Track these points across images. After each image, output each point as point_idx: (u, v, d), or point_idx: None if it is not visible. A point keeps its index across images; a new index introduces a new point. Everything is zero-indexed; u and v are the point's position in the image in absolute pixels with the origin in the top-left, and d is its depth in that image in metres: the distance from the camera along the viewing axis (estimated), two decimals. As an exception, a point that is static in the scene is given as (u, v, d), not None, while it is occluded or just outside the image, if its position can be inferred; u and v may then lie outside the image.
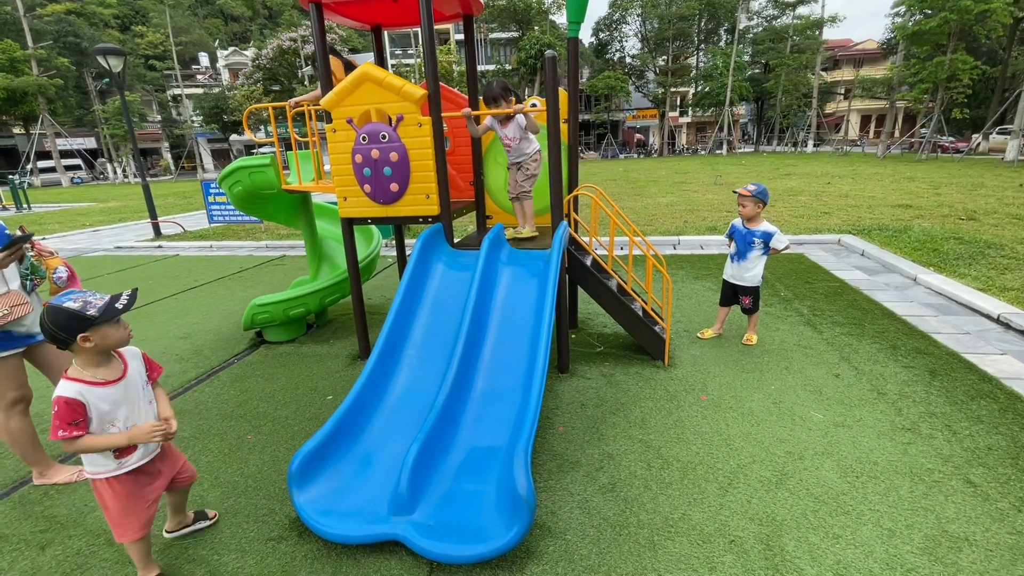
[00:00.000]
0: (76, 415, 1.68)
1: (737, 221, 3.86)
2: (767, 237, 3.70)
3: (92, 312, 1.66)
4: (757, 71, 41.23)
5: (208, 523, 2.26)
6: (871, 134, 42.46)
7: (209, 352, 4.31)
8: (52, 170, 35.84)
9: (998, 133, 24.27)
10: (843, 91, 42.26)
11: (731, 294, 3.95)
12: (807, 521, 2.13)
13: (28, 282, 2.41)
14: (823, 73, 38.71)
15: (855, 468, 2.45)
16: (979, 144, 24.76)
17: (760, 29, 38.82)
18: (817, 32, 34.68)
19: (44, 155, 35.74)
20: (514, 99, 3.52)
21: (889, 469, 2.43)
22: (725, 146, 35.53)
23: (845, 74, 42.47)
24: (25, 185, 20.96)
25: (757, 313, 3.93)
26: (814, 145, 34.41)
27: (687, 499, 2.30)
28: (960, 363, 3.44)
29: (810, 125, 34.15)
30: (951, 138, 27.39)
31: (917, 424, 2.78)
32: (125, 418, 1.79)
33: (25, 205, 18.77)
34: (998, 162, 19.61)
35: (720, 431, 2.81)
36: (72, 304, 1.66)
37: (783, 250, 3.73)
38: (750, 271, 3.78)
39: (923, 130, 25.81)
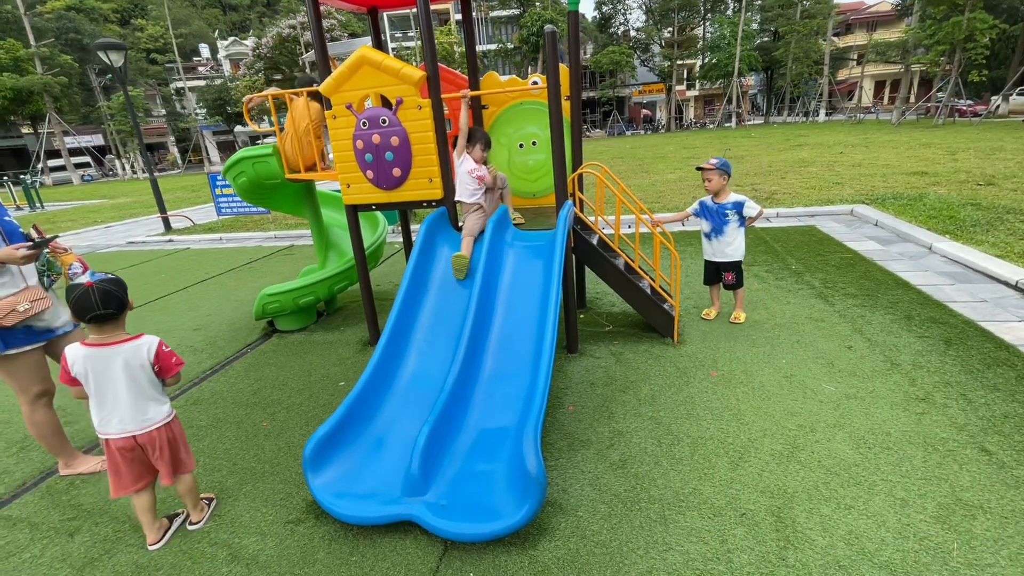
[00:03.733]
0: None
1: (706, 198, 3.79)
2: (738, 207, 3.66)
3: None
4: (766, 39, 40.02)
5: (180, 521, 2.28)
6: (885, 100, 41.27)
7: (223, 343, 4.37)
8: (62, 168, 36.24)
9: (1018, 94, 23.47)
10: (856, 56, 41.01)
11: (715, 272, 3.90)
12: (819, 493, 2.13)
13: (45, 279, 2.45)
14: (835, 39, 37.54)
15: (867, 439, 2.43)
16: (998, 107, 23.98)
17: (768, -5, 37.60)
18: (828, -5, 33.53)
19: (53, 154, 36.10)
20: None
21: (902, 439, 2.42)
22: (734, 119, 34.77)
23: (858, 38, 41.16)
24: (37, 184, 21.22)
25: (742, 289, 3.88)
26: (826, 114, 33.54)
27: (698, 474, 2.30)
28: (976, 331, 3.39)
29: (821, 93, 33.26)
30: (969, 101, 26.55)
31: (931, 394, 2.75)
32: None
33: (38, 204, 19.03)
34: (1019, 124, 19.02)
35: (731, 406, 2.80)
36: (113, 276, 1.94)
37: (757, 217, 3.66)
38: (731, 245, 3.73)
39: (939, 94, 25.03)
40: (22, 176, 20.36)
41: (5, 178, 21.32)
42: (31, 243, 2.31)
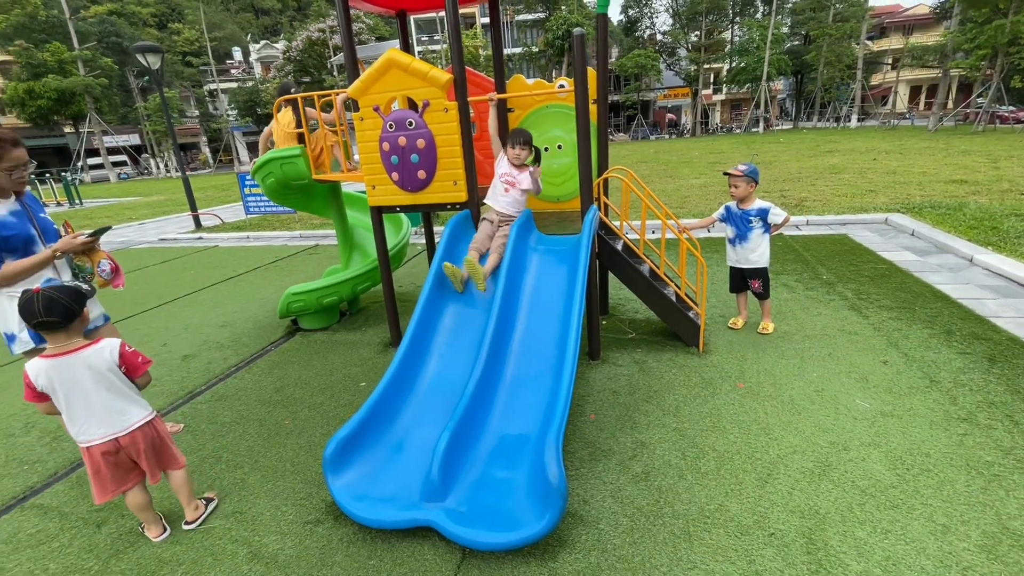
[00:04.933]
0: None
1: (731, 204, 3.72)
2: (763, 213, 3.58)
3: (86, 289, 1.91)
4: (796, 43, 39.20)
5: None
6: (921, 106, 39.96)
7: (248, 340, 4.44)
8: (100, 167, 37.63)
9: (1065, 100, 22.43)
10: (890, 61, 39.81)
11: (740, 279, 3.81)
12: (853, 515, 2.04)
13: (81, 278, 2.52)
14: (869, 42, 36.51)
15: (905, 460, 2.32)
16: (1043, 113, 22.96)
17: (800, -2, 36.80)
18: (863, -2, 32.68)
19: (92, 152, 37.51)
20: (533, 157, 3.25)
21: (943, 461, 2.30)
22: (762, 123, 34.10)
23: (893, 42, 39.97)
24: (77, 182, 22.06)
25: (769, 299, 3.78)
26: (858, 119, 32.64)
27: (724, 490, 2.23)
28: (1022, 349, 3.22)
29: (854, 98, 32.38)
30: (1011, 107, 25.49)
31: (974, 414, 2.62)
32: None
33: (77, 201, 19.78)
34: (1065, 132, 18.16)
35: (758, 420, 2.71)
36: (70, 284, 1.94)
37: (783, 224, 3.58)
38: (755, 251, 3.65)
39: (980, 100, 24.11)
40: (63, 173, 21.19)
41: (48, 175, 22.21)
42: (92, 232, 2.40)
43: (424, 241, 5.29)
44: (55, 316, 1.80)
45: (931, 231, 5.90)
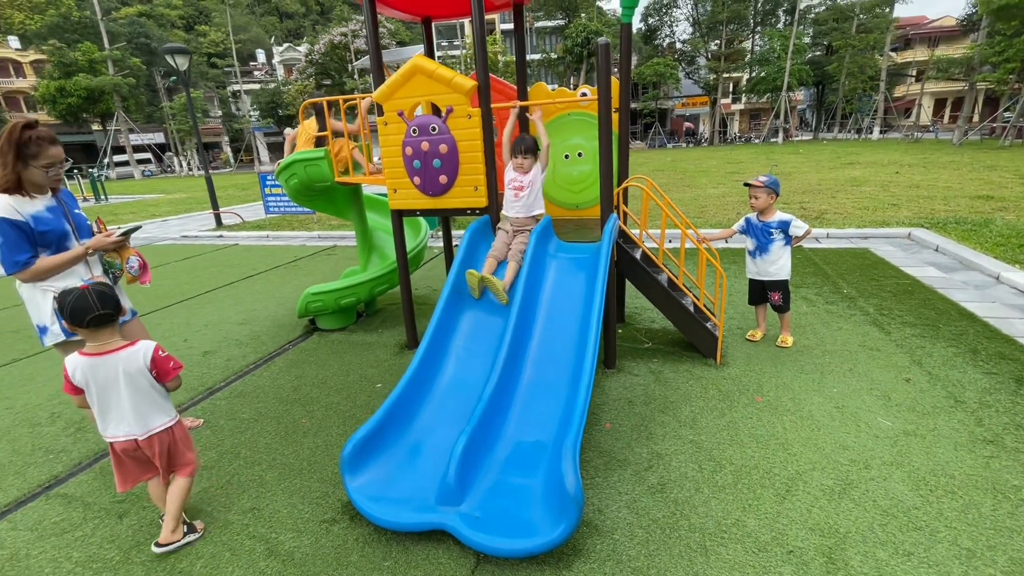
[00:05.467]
0: None
1: (751, 215, 3.70)
2: (784, 226, 3.57)
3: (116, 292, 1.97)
4: (818, 53, 38.78)
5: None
6: (946, 119, 39.23)
7: (266, 338, 4.51)
8: (125, 164, 38.53)
9: (1098, 116, 21.83)
10: (915, 73, 39.20)
11: (759, 291, 3.78)
12: (874, 535, 2.00)
13: (110, 275, 2.59)
14: (893, 54, 36.02)
15: (929, 481, 2.28)
16: (1074, 129, 22.38)
17: (823, 8, 36.37)
18: (887, 10, 32.22)
19: (118, 150, 38.44)
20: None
21: (968, 484, 2.25)
22: (781, 134, 33.74)
23: (918, 54, 39.33)
24: (103, 178, 22.62)
25: (789, 312, 3.74)
26: (880, 131, 32.16)
27: (741, 504, 2.21)
28: (1052, 371, 3.14)
29: (876, 110, 31.92)
30: (1040, 122, 24.88)
31: (1001, 436, 2.56)
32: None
33: (103, 196, 20.27)
34: (1097, 148, 17.70)
35: (777, 435, 2.68)
36: (102, 287, 1.91)
37: (804, 236, 3.57)
38: (775, 263, 3.62)
39: (1007, 114, 23.59)
40: (90, 169, 21.74)
41: (76, 171, 22.81)
42: (123, 232, 2.49)
43: (442, 245, 5.32)
44: (109, 308, 1.88)
45: (956, 247, 5.78)
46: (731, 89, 42.51)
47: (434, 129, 3.25)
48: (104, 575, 2.04)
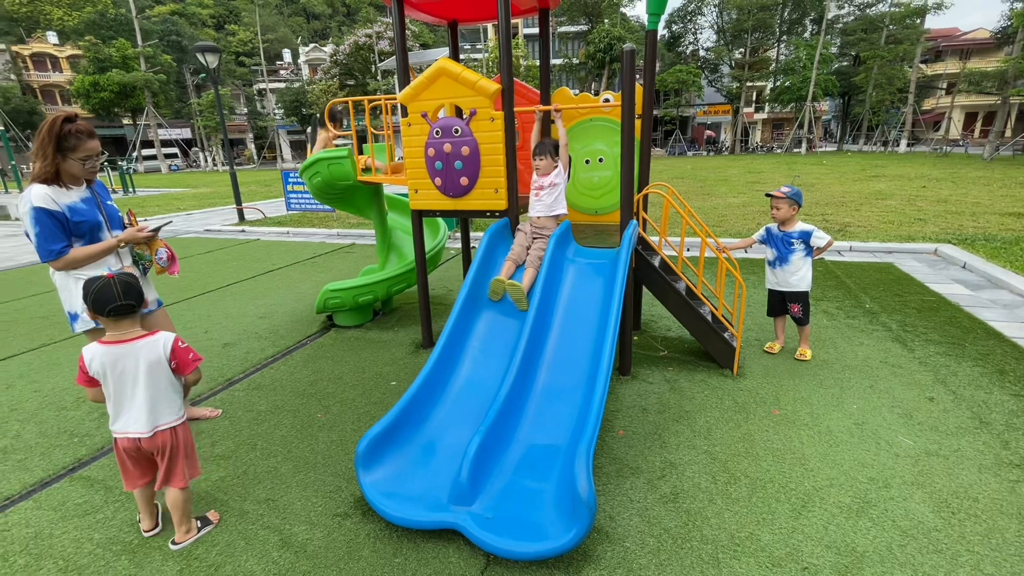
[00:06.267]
0: None
1: (772, 225, 3.66)
2: (805, 236, 3.52)
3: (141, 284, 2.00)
4: (845, 64, 38.14)
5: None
6: (976, 133, 38.29)
7: (285, 332, 4.58)
8: (153, 158, 39.54)
9: None
10: (945, 85, 38.34)
11: (779, 303, 3.74)
12: (892, 556, 1.96)
13: (140, 267, 2.65)
14: (923, 66, 35.27)
15: (951, 503, 2.22)
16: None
17: (851, 18, 35.83)
18: (918, 21, 31.59)
19: (147, 144, 39.46)
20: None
21: (992, 508, 2.19)
22: (804, 144, 33.25)
23: (949, 67, 38.50)
24: (131, 171, 23.22)
25: (809, 325, 3.69)
26: (908, 145, 31.49)
27: (755, 518, 2.18)
28: (1084, 395, 3.04)
29: (904, 122, 31.27)
30: (1077, 139, 24.17)
31: (1028, 460, 2.48)
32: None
33: (131, 189, 20.81)
34: None
35: (794, 449, 2.64)
36: (126, 277, 1.93)
37: (826, 247, 3.51)
38: (795, 274, 3.58)
39: (1042, 130, 22.91)
40: (120, 163, 22.35)
41: (106, 164, 23.45)
42: (155, 227, 2.58)
43: (460, 246, 5.35)
44: (132, 299, 1.89)
45: (985, 265, 5.64)
46: (754, 98, 42.03)
47: (457, 131, 3.28)
48: (123, 557, 2.09)
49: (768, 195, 3.65)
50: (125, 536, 2.20)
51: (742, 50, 37.78)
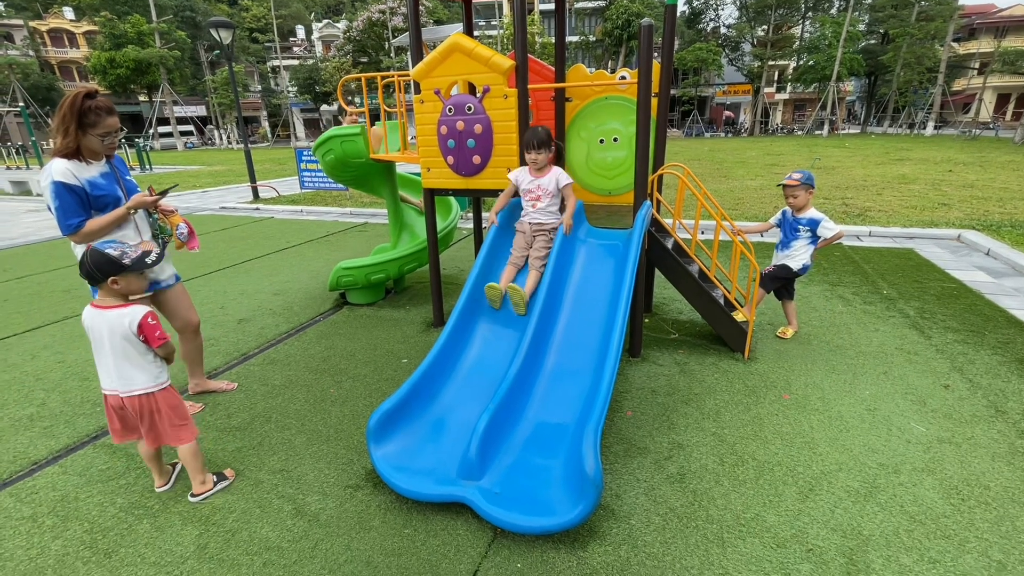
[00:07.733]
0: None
1: (788, 209, 3.64)
2: (813, 224, 3.48)
3: (126, 261, 1.98)
4: (872, 42, 36.76)
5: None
6: (1008, 116, 36.87)
7: (298, 309, 4.64)
8: (169, 135, 39.81)
9: None
10: (977, 65, 36.85)
11: (773, 280, 3.77)
12: (899, 540, 1.96)
13: (159, 240, 2.69)
14: (955, 44, 33.89)
15: (961, 490, 2.21)
16: None
17: (882, -7, 34.40)
18: (953, -4, 30.24)
19: (162, 121, 39.70)
20: (555, 151, 3.04)
21: (1004, 496, 2.17)
22: (827, 126, 32.31)
23: (983, 45, 36.91)
24: (148, 148, 23.42)
25: (793, 302, 3.76)
26: (935, 127, 30.46)
27: (762, 500, 2.19)
28: (1106, 386, 2.97)
29: (932, 104, 30.21)
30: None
31: (1044, 450, 2.45)
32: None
33: (148, 166, 21.01)
34: None
35: (803, 433, 2.63)
36: (112, 251, 1.98)
37: (832, 239, 3.47)
38: (791, 259, 3.59)
39: (1079, 112, 21.98)
40: (136, 140, 22.54)
41: (122, 141, 23.69)
42: (160, 192, 2.59)
43: (472, 226, 5.34)
44: (81, 273, 2.02)
45: (1009, 252, 5.49)
46: (776, 77, 40.84)
47: (470, 109, 3.24)
48: (145, 521, 2.17)
49: (781, 185, 3.59)
50: (147, 501, 2.28)
51: (765, 27, 36.59)
